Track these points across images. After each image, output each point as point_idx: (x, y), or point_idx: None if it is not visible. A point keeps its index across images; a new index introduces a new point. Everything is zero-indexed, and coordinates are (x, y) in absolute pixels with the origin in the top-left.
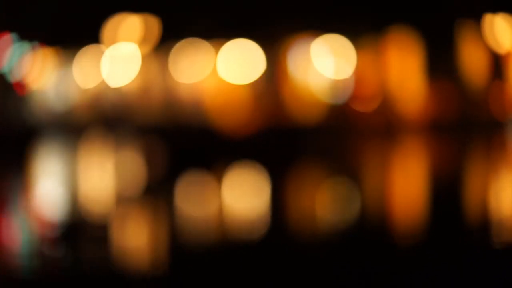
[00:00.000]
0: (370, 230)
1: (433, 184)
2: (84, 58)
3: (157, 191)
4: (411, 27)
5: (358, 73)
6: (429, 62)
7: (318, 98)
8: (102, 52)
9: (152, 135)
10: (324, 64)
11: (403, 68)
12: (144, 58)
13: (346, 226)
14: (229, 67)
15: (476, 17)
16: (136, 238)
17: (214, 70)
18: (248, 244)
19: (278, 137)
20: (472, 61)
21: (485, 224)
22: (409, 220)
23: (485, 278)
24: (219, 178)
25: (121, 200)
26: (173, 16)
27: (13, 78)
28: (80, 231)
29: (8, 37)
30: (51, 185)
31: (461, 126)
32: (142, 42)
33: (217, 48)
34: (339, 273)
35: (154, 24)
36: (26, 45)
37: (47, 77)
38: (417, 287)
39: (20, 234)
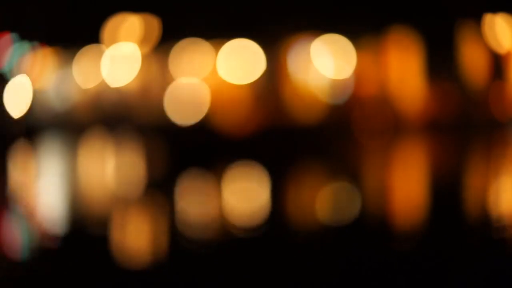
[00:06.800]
0: (370, 230)
1: (433, 184)
2: (84, 58)
3: (157, 191)
4: (411, 27)
5: (358, 73)
6: (429, 62)
7: (318, 98)
8: (102, 52)
9: (152, 134)
10: (324, 64)
11: (403, 68)
12: (144, 58)
13: (346, 225)
14: (229, 67)
15: (476, 17)
16: (136, 237)
17: (214, 70)
18: (248, 244)
19: (278, 137)
20: (472, 61)
21: (485, 224)
22: (409, 219)
23: (485, 277)
24: (219, 178)
25: (121, 199)
26: (173, 16)
27: (13, 78)
28: (80, 231)
29: (8, 37)
30: (51, 185)
31: (461, 126)
32: (142, 42)
33: (217, 48)
34: (339, 272)
35: (154, 24)
36: (26, 45)
37: (47, 77)
38: (417, 286)
39: (19, 234)
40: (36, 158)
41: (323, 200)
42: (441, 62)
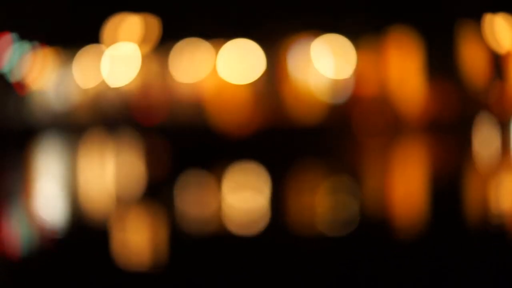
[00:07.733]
0: (370, 230)
1: (433, 184)
2: (84, 58)
3: (157, 191)
4: (411, 27)
5: (358, 73)
6: (429, 62)
7: (318, 98)
8: (102, 52)
9: (152, 135)
10: (324, 64)
11: (403, 68)
12: (144, 58)
13: (346, 226)
14: (229, 67)
15: (476, 17)
16: (136, 238)
17: (214, 70)
18: (248, 244)
19: (278, 137)
20: (472, 61)
21: (485, 224)
22: (409, 220)
23: (484, 277)
24: (219, 178)
25: (121, 200)
26: (173, 16)
27: (13, 78)
28: (80, 231)
29: (8, 37)
30: (51, 185)
31: (461, 126)
32: (142, 42)
33: (217, 48)
34: (339, 272)
35: (154, 24)
36: (26, 45)
37: (47, 77)
38: (417, 285)
39: (19, 235)
40: (36, 158)
41: (323, 201)
42: (441, 62)
